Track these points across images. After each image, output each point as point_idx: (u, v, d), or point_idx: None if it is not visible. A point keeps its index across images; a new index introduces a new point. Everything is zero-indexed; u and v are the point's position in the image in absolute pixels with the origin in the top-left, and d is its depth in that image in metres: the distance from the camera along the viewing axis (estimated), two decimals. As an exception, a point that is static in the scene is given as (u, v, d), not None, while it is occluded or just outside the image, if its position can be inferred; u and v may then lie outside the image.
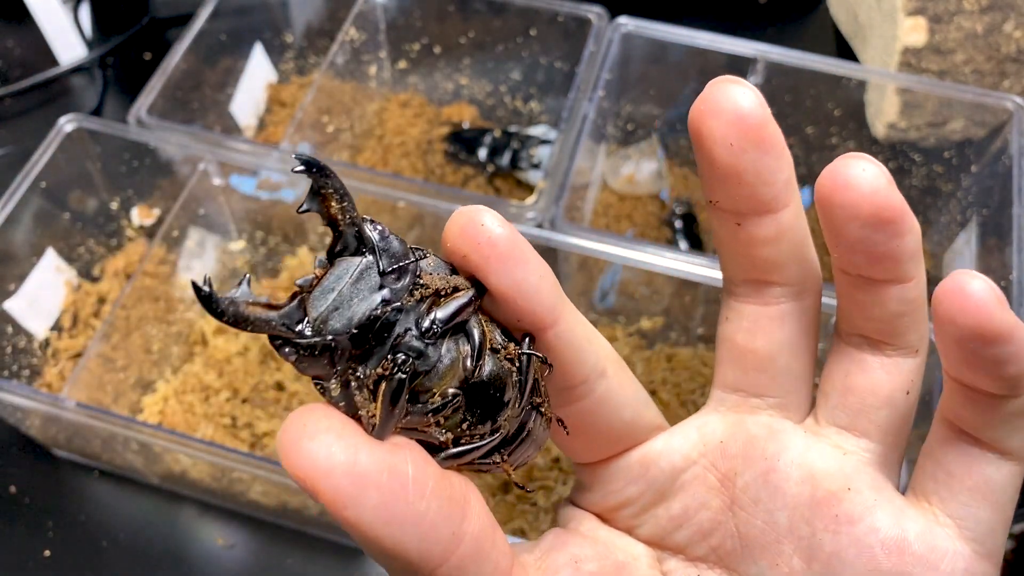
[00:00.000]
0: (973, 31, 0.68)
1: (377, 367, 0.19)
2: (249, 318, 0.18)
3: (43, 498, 0.60)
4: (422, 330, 0.19)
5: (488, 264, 0.19)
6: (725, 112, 0.19)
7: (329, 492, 0.17)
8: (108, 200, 0.68)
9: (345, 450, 0.17)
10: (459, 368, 0.19)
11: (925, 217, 0.71)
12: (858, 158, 0.19)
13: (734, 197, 0.21)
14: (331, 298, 0.19)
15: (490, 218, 0.19)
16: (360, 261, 0.19)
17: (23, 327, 0.62)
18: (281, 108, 0.76)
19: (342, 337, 0.18)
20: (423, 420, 0.19)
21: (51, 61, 0.80)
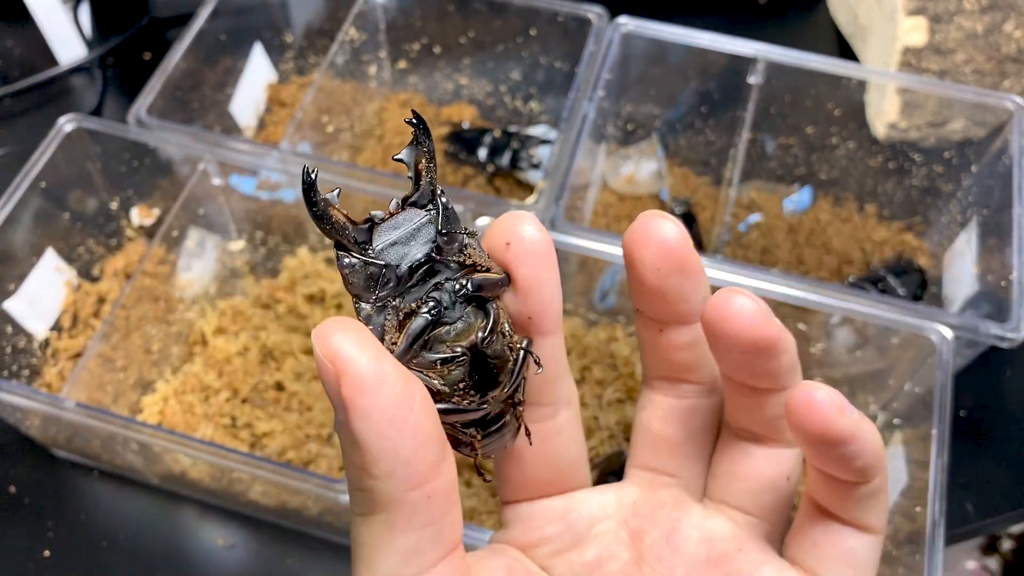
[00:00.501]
0: (973, 31, 0.68)
1: (411, 303, 0.22)
2: (332, 218, 0.21)
3: (43, 498, 0.60)
4: (455, 288, 0.22)
5: (525, 256, 0.22)
6: (653, 243, 0.23)
7: (354, 376, 0.19)
8: (108, 200, 0.68)
9: (375, 350, 0.19)
10: (473, 334, 0.22)
11: (925, 217, 0.71)
12: (738, 293, 0.22)
13: (658, 310, 0.24)
14: (395, 234, 0.22)
15: (534, 221, 0.23)
16: (425, 215, 0.22)
17: (23, 327, 0.62)
18: (281, 108, 0.76)
19: (393, 268, 0.21)
20: (430, 365, 0.22)
21: (51, 61, 0.80)
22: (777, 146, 0.73)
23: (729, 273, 0.56)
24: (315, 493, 0.49)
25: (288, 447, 0.58)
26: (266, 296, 0.65)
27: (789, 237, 0.70)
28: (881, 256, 0.69)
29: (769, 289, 0.55)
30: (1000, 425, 0.64)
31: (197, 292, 0.66)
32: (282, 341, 0.62)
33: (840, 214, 0.71)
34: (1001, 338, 0.54)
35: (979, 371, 0.62)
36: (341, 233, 0.21)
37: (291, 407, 0.61)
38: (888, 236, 0.70)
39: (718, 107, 0.73)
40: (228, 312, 0.65)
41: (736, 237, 0.70)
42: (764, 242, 0.69)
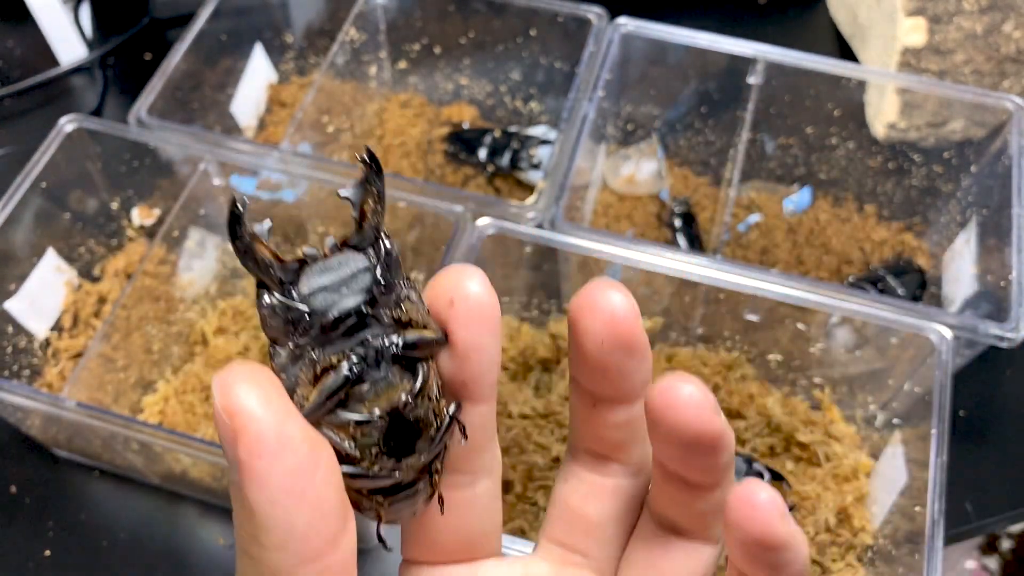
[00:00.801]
0: (973, 31, 0.68)
1: (332, 356, 0.20)
2: (256, 254, 0.19)
3: (43, 498, 0.60)
4: (383, 344, 0.20)
5: (466, 317, 0.21)
6: (601, 313, 0.21)
7: (251, 436, 0.17)
8: (108, 200, 0.68)
9: (281, 409, 0.18)
10: (395, 396, 0.20)
11: (925, 217, 0.71)
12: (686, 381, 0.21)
13: (595, 384, 0.23)
14: (326, 278, 0.20)
15: (483, 279, 0.21)
16: (363, 260, 0.20)
17: (23, 327, 0.62)
18: (281, 108, 0.76)
19: (318, 315, 0.19)
20: (342, 426, 0.20)
21: (51, 61, 0.80)
22: (777, 146, 0.73)
23: (728, 273, 0.56)
24: (315, 493, 0.49)
25: (288, 447, 0.58)
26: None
27: (789, 237, 0.70)
28: (880, 256, 0.70)
29: (768, 289, 0.56)
30: (999, 425, 0.64)
31: (198, 292, 0.66)
32: (282, 341, 0.62)
33: (840, 214, 0.71)
34: (1000, 338, 0.54)
35: (978, 371, 0.62)
36: (264, 271, 0.19)
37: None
38: (887, 236, 0.70)
39: (718, 107, 0.73)
40: (229, 312, 0.65)
41: (736, 237, 0.70)
42: (764, 242, 0.70)
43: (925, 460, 0.51)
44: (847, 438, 0.59)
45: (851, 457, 0.57)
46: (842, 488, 0.56)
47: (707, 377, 0.60)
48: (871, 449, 0.59)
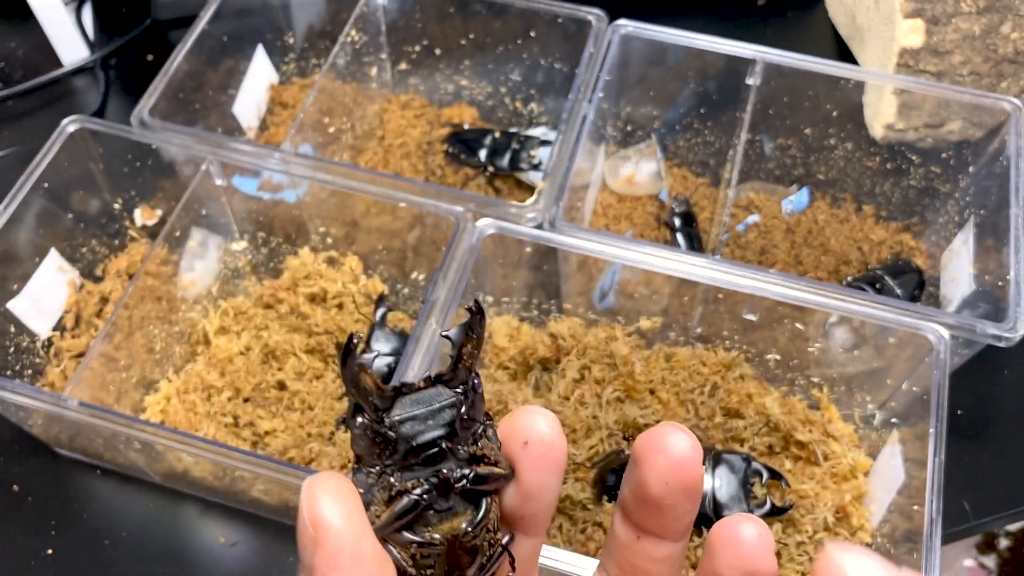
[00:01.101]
0: (971, 32, 0.68)
1: (407, 482, 0.21)
2: (360, 383, 0.21)
3: (46, 497, 0.60)
4: (455, 477, 0.22)
5: (539, 460, 0.22)
6: (670, 454, 0.22)
7: (330, 548, 0.19)
8: (111, 201, 0.68)
9: (359, 526, 0.19)
10: (457, 525, 0.22)
11: (923, 217, 0.71)
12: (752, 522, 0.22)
13: (647, 519, 0.24)
14: (416, 409, 0.22)
15: (554, 422, 0.22)
16: (451, 397, 0.22)
17: (26, 327, 0.62)
18: (283, 109, 0.77)
19: (404, 442, 0.21)
20: (405, 544, 0.22)
21: (54, 62, 0.81)
22: (775, 147, 0.74)
23: (727, 273, 0.56)
24: (317, 491, 0.50)
25: (290, 446, 0.59)
26: (268, 296, 0.66)
27: (787, 237, 0.70)
28: (879, 256, 0.70)
29: (767, 289, 0.56)
30: (997, 424, 0.64)
31: (199, 292, 0.66)
32: (284, 341, 0.63)
33: (838, 215, 0.72)
34: (998, 337, 0.54)
35: (976, 370, 0.62)
36: (364, 397, 0.21)
37: (293, 406, 0.61)
38: (885, 236, 0.71)
39: (716, 108, 0.73)
40: (230, 312, 0.65)
41: (734, 237, 0.70)
42: (762, 242, 0.70)
43: (923, 459, 0.51)
44: (845, 437, 0.59)
45: (849, 456, 0.58)
46: (840, 487, 0.56)
47: (706, 376, 0.61)
48: (869, 448, 0.59)
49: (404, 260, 0.67)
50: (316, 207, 0.66)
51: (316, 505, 0.19)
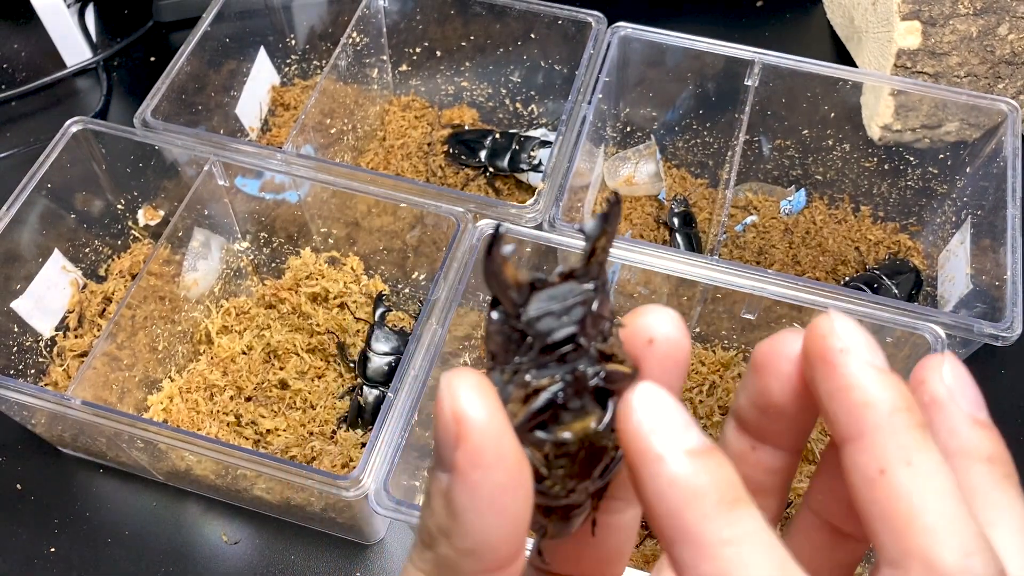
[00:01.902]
0: (967, 34, 0.69)
1: (542, 379, 0.21)
2: (502, 275, 0.20)
3: (49, 495, 0.60)
4: (588, 375, 0.21)
5: (663, 357, 0.21)
6: (795, 360, 0.21)
7: (473, 444, 0.18)
8: (114, 201, 0.69)
9: (501, 423, 0.18)
10: (587, 424, 0.21)
11: (920, 218, 0.72)
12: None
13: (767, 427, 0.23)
14: (552, 305, 0.21)
15: (679, 321, 0.21)
16: (583, 293, 0.21)
17: (30, 326, 0.62)
18: (285, 110, 0.77)
19: (539, 338, 0.20)
20: (539, 445, 0.21)
21: (57, 64, 0.81)
22: (773, 148, 0.74)
23: (725, 273, 0.57)
24: (318, 490, 0.50)
25: (292, 444, 0.59)
26: (270, 296, 0.66)
27: (785, 238, 0.71)
28: (876, 256, 0.70)
29: (765, 289, 0.56)
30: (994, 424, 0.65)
31: (202, 292, 0.67)
32: (286, 340, 0.63)
33: (835, 215, 0.72)
34: (995, 337, 0.55)
35: (973, 370, 0.62)
36: (504, 291, 0.20)
37: (295, 405, 0.61)
38: (883, 237, 0.71)
39: (715, 109, 0.74)
40: (233, 312, 0.65)
41: (733, 238, 0.71)
42: (760, 243, 0.70)
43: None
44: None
45: (847, 454, 0.58)
46: (838, 485, 0.57)
47: (704, 375, 0.61)
48: (867, 447, 0.59)
49: (405, 260, 0.68)
50: (318, 208, 0.67)
51: (458, 399, 0.18)
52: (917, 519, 0.18)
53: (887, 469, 0.18)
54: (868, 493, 0.19)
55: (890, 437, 0.19)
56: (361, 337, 0.64)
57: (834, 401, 0.19)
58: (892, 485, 0.18)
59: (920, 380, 0.21)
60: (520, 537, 0.19)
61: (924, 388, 0.21)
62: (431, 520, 0.19)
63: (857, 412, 0.19)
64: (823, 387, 0.20)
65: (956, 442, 0.21)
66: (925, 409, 0.20)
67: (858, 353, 0.20)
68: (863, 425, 0.19)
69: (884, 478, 0.18)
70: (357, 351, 0.63)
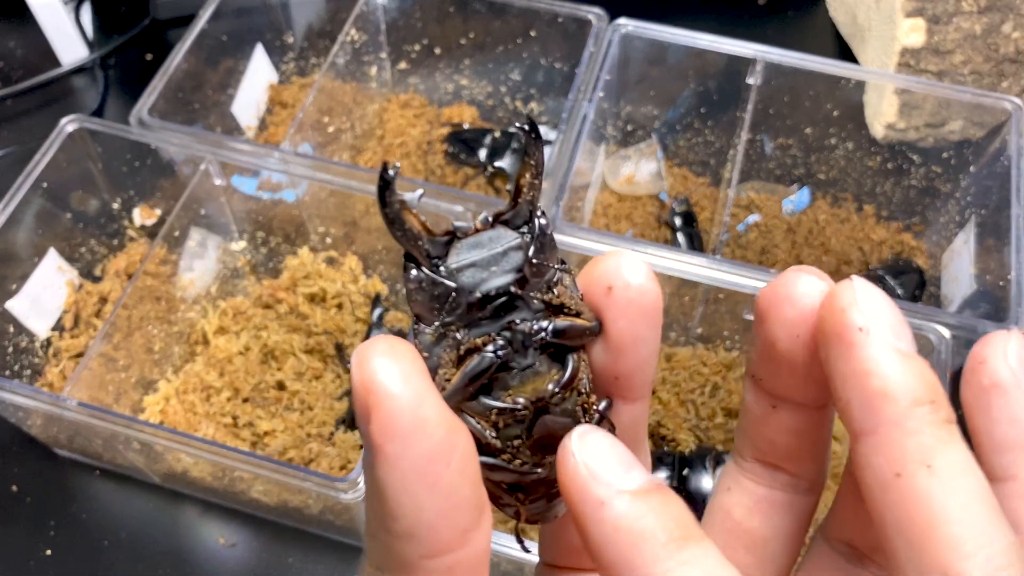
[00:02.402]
0: (972, 32, 0.68)
1: (477, 338, 0.19)
2: (406, 224, 0.18)
3: (45, 497, 0.60)
4: (532, 330, 0.19)
5: (627, 307, 0.19)
6: (799, 303, 0.19)
7: (385, 415, 0.16)
8: (110, 200, 0.68)
9: (419, 387, 0.16)
10: (541, 386, 0.19)
11: (923, 217, 0.71)
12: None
13: (782, 383, 0.21)
14: (476, 254, 0.19)
15: (645, 267, 0.19)
16: (516, 237, 0.19)
17: (25, 327, 0.62)
18: (282, 109, 0.77)
19: (465, 292, 0.18)
20: (484, 413, 0.19)
21: (53, 62, 0.80)
22: (776, 147, 0.73)
23: (728, 273, 0.56)
24: (316, 492, 0.50)
25: (289, 446, 0.58)
26: (267, 296, 0.65)
27: (788, 237, 0.70)
28: (879, 256, 0.70)
29: (768, 289, 0.56)
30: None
31: (199, 292, 0.66)
32: (283, 341, 0.63)
33: (838, 214, 0.72)
34: (998, 338, 0.54)
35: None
36: (414, 242, 0.18)
37: (292, 406, 0.61)
38: (886, 236, 0.70)
39: (717, 108, 0.73)
40: (229, 312, 0.65)
41: (735, 237, 0.70)
42: (763, 242, 0.70)
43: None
44: (847, 438, 0.59)
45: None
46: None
47: (707, 376, 0.60)
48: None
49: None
50: (315, 207, 0.66)
51: (367, 368, 0.16)
52: (938, 529, 0.16)
53: (904, 472, 0.16)
54: (882, 498, 0.17)
55: (909, 435, 0.16)
56: (359, 338, 0.64)
57: (848, 387, 0.17)
58: (909, 490, 0.16)
59: (980, 360, 0.18)
60: (462, 514, 0.17)
61: (984, 369, 0.18)
62: (368, 507, 0.18)
63: (874, 403, 0.17)
64: (837, 368, 0.18)
65: (1019, 432, 0.18)
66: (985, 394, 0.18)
67: (880, 333, 0.17)
68: (879, 419, 0.17)
69: (900, 481, 0.16)
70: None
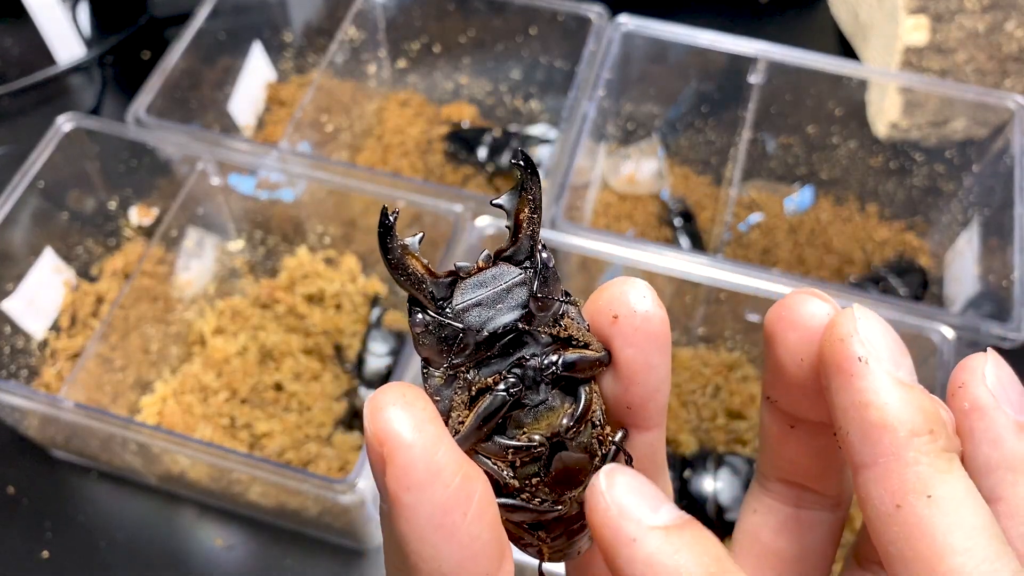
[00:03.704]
0: (975, 30, 0.68)
1: (488, 377, 0.18)
2: (408, 269, 0.18)
3: (41, 499, 0.59)
4: (543, 365, 0.19)
5: (634, 335, 0.19)
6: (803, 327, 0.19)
7: (400, 465, 0.16)
8: (106, 199, 0.68)
9: (432, 435, 0.16)
10: (556, 421, 0.19)
11: (926, 217, 0.71)
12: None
13: (795, 403, 0.20)
14: (481, 293, 0.19)
15: (650, 292, 0.19)
16: (519, 273, 0.19)
17: (21, 327, 0.61)
18: (280, 107, 0.76)
19: (473, 332, 0.18)
20: (500, 453, 0.19)
21: (49, 60, 0.80)
22: (778, 145, 0.73)
23: (730, 273, 0.56)
24: (314, 494, 0.49)
25: (287, 447, 0.58)
26: (265, 296, 0.65)
27: (790, 237, 0.70)
28: (882, 256, 0.69)
29: (770, 289, 0.55)
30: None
31: (196, 292, 0.66)
32: (281, 341, 0.62)
33: (841, 214, 0.71)
34: (1002, 338, 0.54)
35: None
36: (417, 286, 0.18)
37: (290, 407, 0.60)
38: (889, 236, 0.70)
39: (719, 106, 0.73)
40: (227, 312, 0.64)
41: (737, 237, 0.70)
42: (765, 242, 0.69)
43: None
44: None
45: (852, 458, 0.57)
46: (843, 489, 0.56)
47: (708, 377, 0.60)
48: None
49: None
50: (314, 206, 0.66)
51: (380, 418, 0.16)
52: (942, 562, 0.16)
53: (904, 503, 0.17)
54: (885, 530, 0.17)
55: (908, 466, 0.17)
56: (358, 338, 0.63)
57: (848, 418, 0.17)
58: (911, 521, 0.16)
59: (959, 384, 0.19)
60: (484, 562, 0.17)
61: (964, 392, 0.19)
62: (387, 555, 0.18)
63: (873, 435, 0.17)
64: (837, 400, 0.18)
65: (999, 453, 0.18)
66: (966, 416, 0.18)
67: (880, 363, 0.17)
68: (878, 450, 0.17)
69: (902, 513, 0.17)
70: (354, 352, 0.63)
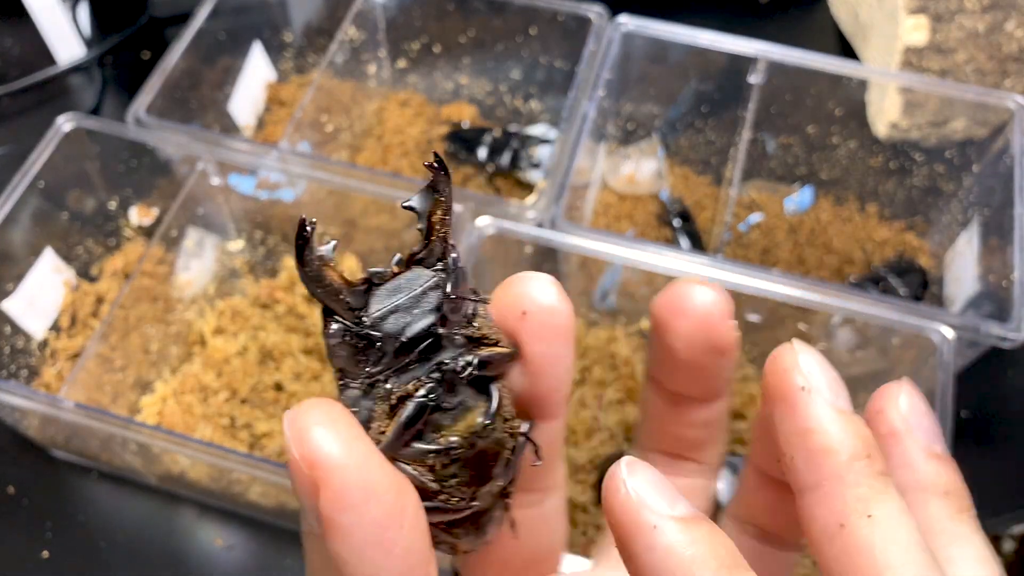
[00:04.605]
0: (975, 30, 0.68)
1: (407, 385, 0.18)
2: (324, 280, 0.18)
3: (41, 499, 0.59)
4: (461, 367, 0.18)
5: (542, 330, 0.19)
6: (693, 315, 0.20)
7: (335, 489, 0.16)
8: (106, 200, 0.68)
9: (362, 453, 0.16)
10: (473, 421, 0.19)
11: (926, 217, 0.71)
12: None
13: (680, 384, 0.22)
14: (396, 299, 0.18)
15: (556, 286, 0.20)
16: (432, 276, 0.19)
17: (21, 327, 0.61)
18: (280, 107, 0.76)
19: (390, 340, 0.18)
20: (420, 458, 0.19)
21: (49, 60, 0.80)
22: (778, 145, 0.73)
23: (730, 273, 0.56)
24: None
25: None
26: (265, 296, 0.65)
27: (790, 237, 0.70)
28: (882, 256, 0.69)
29: (770, 289, 0.55)
30: (1001, 426, 0.64)
31: (196, 292, 0.66)
32: (281, 341, 0.62)
33: (841, 214, 0.71)
34: (1003, 338, 0.54)
35: (980, 371, 0.62)
36: (335, 297, 0.18)
37: (290, 407, 0.60)
38: (889, 236, 0.70)
39: (718, 106, 0.73)
40: (227, 312, 0.64)
41: (737, 237, 0.70)
42: (765, 242, 0.69)
43: (927, 461, 0.50)
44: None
45: (852, 458, 0.57)
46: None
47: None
48: (873, 450, 0.58)
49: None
50: (314, 206, 0.66)
51: (307, 441, 0.15)
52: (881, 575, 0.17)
53: (847, 523, 0.18)
54: (829, 549, 0.18)
55: (850, 488, 0.18)
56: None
57: (792, 444, 0.19)
58: (853, 540, 0.17)
59: (877, 409, 0.21)
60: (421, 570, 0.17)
61: (882, 418, 0.21)
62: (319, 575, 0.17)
63: (816, 459, 0.18)
64: (782, 427, 0.19)
65: (912, 476, 0.20)
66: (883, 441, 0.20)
67: (820, 392, 0.19)
68: (822, 474, 0.18)
69: (844, 532, 0.18)
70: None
